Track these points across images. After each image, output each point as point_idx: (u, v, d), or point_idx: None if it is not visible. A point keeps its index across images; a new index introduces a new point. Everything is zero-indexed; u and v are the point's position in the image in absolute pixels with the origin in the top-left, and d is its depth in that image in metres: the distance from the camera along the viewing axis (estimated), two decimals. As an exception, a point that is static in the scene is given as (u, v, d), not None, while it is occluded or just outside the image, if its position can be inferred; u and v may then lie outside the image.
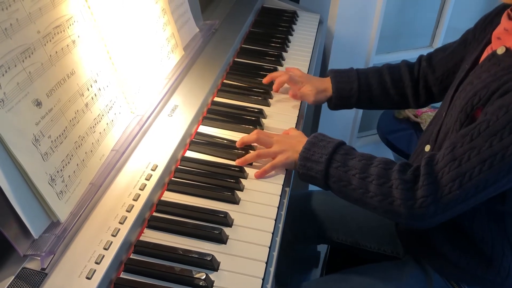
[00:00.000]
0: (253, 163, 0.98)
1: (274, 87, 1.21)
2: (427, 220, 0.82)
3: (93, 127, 0.84)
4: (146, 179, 0.85)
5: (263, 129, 1.09)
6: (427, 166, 0.82)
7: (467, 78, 0.92)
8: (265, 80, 1.22)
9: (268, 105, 1.18)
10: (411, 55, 2.00)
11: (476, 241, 0.92)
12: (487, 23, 1.00)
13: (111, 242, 0.73)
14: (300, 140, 0.96)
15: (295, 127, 1.12)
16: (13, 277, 0.66)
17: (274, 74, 1.23)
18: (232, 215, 0.85)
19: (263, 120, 1.12)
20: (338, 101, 1.20)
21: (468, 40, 1.07)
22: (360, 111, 1.99)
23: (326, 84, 1.20)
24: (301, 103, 1.21)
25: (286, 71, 1.24)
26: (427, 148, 0.98)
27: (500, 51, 0.86)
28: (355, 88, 1.18)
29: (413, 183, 0.82)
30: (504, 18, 0.88)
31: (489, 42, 0.93)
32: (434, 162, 0.82)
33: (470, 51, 1.02)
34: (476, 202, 0.81)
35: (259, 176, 0.94)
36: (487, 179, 0.78)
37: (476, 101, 0.83)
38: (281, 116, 1.15)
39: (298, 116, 1.16)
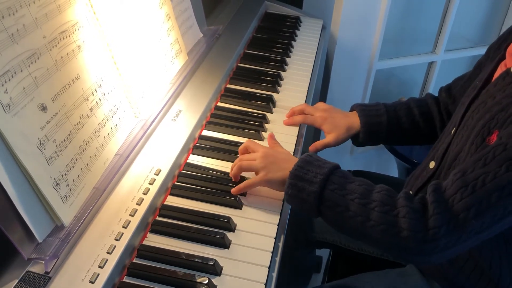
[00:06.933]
0: None
1: (287, 121, 1.15)
2: (436, 255, 0.74)
3: (98, 131, 0.85)
4: (149, 184, 0.85)
5: (265, 134, 1.09)
6: (435, 193, 0.74)
7: (479, 96, 0.88)
8: (288, 119, 1.15)
9: (271, 110, 1.18)
10: (414, 61, 2.01)
11: (483, 267, 0.87)
12: (502, 41, 0.96)
13: (115, 246, 0.73)
14: (289, 159, 0.88)
15: (298, 131, 1.12)
16: (17, 280, 0.67)
17: (295, 108, 1.16)
18: (235, 220, 0.85)
19: (266, 125, 1.12)
20: (366, 136, 1.11)
21: (482, 63, 1.03)
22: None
23: (352, 119, 1.12)
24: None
25: (305, 108, 1.16)
26: (432, 164, 0.94)
27: None
28: (385, 122, 1.11)
29: (422, 212, 0.74)
30: None
31: (502, 58, 0.89)
32: (442, 189, 0.75)
33: (484, 69, 0.98)
34: (489, 235, 0.74)
35: (235, 193, 0.89)
36: (506, 207, 0.71)
37: (493, 124, 0.78)
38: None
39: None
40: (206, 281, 0.72)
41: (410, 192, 0.99)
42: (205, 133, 1.07)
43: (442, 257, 0.75)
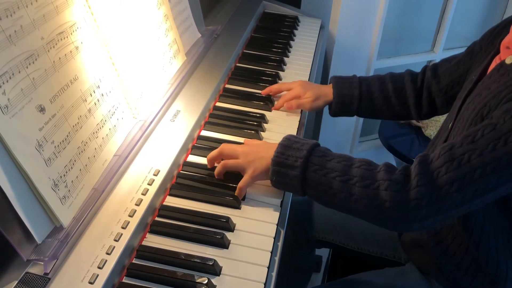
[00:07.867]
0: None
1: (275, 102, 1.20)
2: (416, 223, 0.77)
3: (96, 132, 0.85)
4: (148, 184, 0.85)
5: (264, 134, 1.09)
6: (421, 165, 0.76)
7: (475, 89, 0.89)
8: (264, 92, 1.22)
9: (269, 110, 1.18)
10: (412, 60, 2.01)
11: (480, 263, 0.89)
12: (495, 35, 0.97)
13: (114, 247, 0.73)
14: (268, 147, 0.89)
15: (297, 131, 1.13)
16: (16, 281, 0.67)
17: (272, 88, 1.22)
18: (234, 219, 0.85)
19: (264, 125, 1.12)
20: (338, 107, 1.18)
21: (474, 51, 1.04)
22: (362, 115, 1.99)
23: (327, 89, 1.19)
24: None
25: (285, 85, 1.22)
26: None
27: (509, 60, 0.83)
28: (356, 95, 1.16)
29: (403, 184, 0.76)
30: None
31: (497, 52, 0.90)
32: (428, 160, 0.76)
33: (477, 62, 1.00)
34: (470, 209, 0.76)
35: (239, 197, 0.89)
36: (488, 184, 0.73)
37: (486, 111, 0.79)
38: (283, 121, 1.16)
39: (299, 120, 1.17)
40: (206, 281, 0.72)
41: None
42: (204, 133, 1.07)
43: (423, 226, 0.78)
